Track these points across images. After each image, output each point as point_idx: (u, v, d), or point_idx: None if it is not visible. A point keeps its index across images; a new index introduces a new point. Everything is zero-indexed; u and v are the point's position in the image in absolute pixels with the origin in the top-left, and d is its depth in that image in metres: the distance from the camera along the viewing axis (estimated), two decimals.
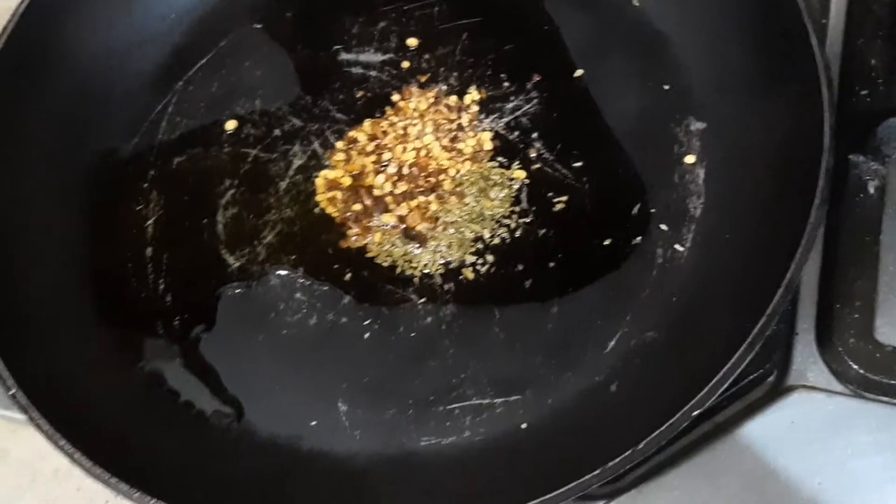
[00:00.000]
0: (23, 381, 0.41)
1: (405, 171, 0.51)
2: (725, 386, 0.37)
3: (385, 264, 0.49)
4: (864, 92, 0.52)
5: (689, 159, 0.50)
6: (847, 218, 0.49)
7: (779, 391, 0.46)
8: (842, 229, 0.49)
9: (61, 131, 0.53)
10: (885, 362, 0.45)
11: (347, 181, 0.51)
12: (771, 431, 0.45)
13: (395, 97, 0.54)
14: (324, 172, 0.52)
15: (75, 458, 0.39)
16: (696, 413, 0.36)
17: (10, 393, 0.40)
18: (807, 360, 0.46)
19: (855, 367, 0.45)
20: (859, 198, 0.49)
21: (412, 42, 0.56)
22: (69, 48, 0.54)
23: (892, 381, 0.45)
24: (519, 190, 0.51)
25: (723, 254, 0.46)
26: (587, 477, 0.36)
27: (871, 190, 0.49)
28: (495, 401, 0.45)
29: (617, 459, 0.36)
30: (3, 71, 0.50)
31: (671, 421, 0.35)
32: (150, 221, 0.52)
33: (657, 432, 0.36)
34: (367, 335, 0.47)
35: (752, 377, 0.45)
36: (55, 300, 0.48)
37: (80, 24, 0.54)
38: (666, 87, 0.52)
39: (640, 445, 0.36)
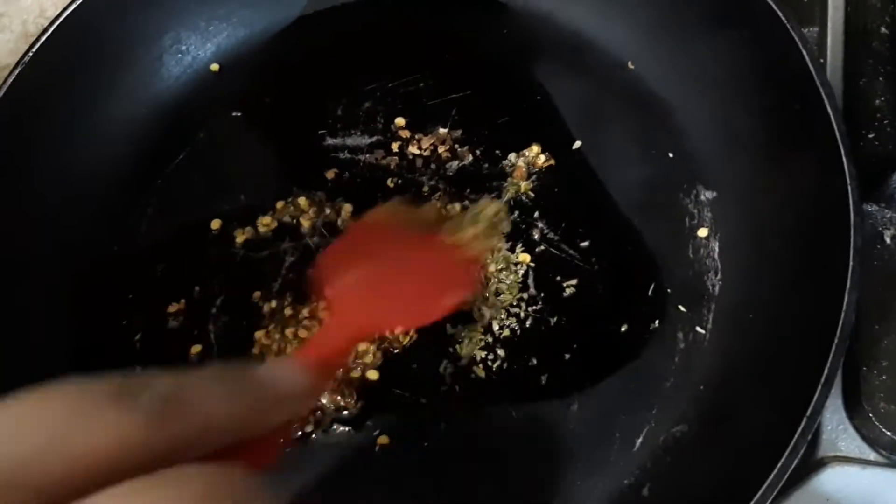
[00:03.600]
0: None
1: None
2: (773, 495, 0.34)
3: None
4: (871, 135, 0.50)
5: (702, 232, 0.47)
6: (866, 272, 0.46)
7: (811, 465, 0.43)
8: (862, 285, 0.46)
9: (38, 249, 0.49)
10: None
11: None
12: None
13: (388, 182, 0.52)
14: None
15: None
16: None
17: None
18: (837, 429, 0.44)
19: (888, 433, 0.42)
20: (877, 249, 0.47)
21: (400, 121, 0.53)
22: (36, 156, 0.50)
23: None
24: (525, 275, 0.48)
25: (748, 336, 0.43)
26: None
27: (888, 240, 0.47)
28: None
29: None
30: None
31: None
32: (137, 337, 0.49)
33: None
34: (377, 449, 0.44)
35: None
36: None
37: (45, 127, 0.51)
38: (670, 155, 0.49)
39: None
